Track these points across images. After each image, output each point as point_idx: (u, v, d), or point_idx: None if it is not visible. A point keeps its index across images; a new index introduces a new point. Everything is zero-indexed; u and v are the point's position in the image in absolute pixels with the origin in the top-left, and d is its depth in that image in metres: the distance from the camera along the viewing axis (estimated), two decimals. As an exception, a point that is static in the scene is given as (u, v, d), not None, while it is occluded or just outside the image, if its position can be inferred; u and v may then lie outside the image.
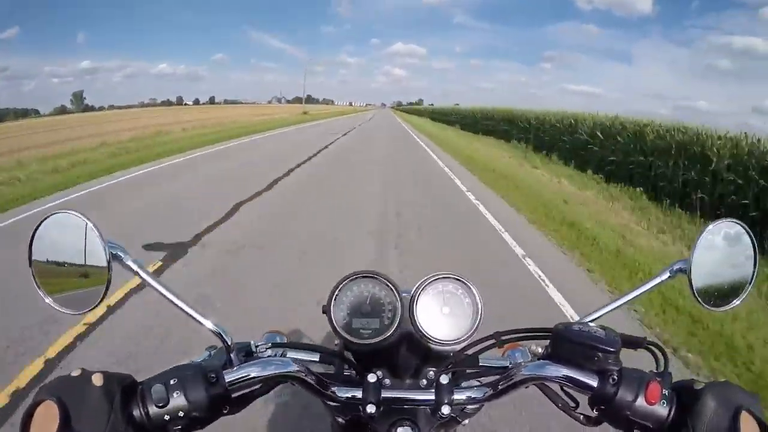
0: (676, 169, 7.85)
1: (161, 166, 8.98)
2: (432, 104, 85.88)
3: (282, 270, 3.54)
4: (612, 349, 0.48)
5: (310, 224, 4.88)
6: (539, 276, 3.60)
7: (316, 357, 0.59)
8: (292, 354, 0.59)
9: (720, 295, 0.59)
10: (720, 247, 0.59)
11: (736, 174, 6.64)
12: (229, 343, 0.51)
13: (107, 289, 0.51)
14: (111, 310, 2.80)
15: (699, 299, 0.58)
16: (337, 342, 0.57)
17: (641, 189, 8.14)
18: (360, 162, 10.10)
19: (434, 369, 0.55)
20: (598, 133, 10.70)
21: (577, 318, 0.58)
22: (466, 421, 0.59)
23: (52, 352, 2.37)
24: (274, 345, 0.57)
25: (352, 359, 0.57)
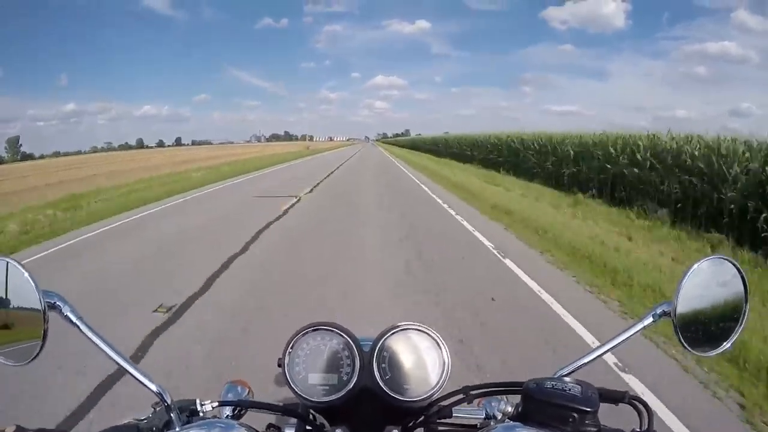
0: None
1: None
2: (420, 134, 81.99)
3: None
4: (589, 409, 0.43)
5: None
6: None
7: (275, 414, 0.55)
8: (250, 411, 0.55)
9: (708, 337, 0.55)
10: (707, 286, 0.55)
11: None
12: (169, 403, 0.47)
13: (44, 340, 0.47)
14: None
15: (685, 344, 0.53)
16: None
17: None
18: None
19: (398, 428, 0.51)
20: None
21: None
22: None
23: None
24: (223, 403, 0.53)
25: (314, 416, 0.53)
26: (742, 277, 0.55)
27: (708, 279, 0.55)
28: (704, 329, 0.55)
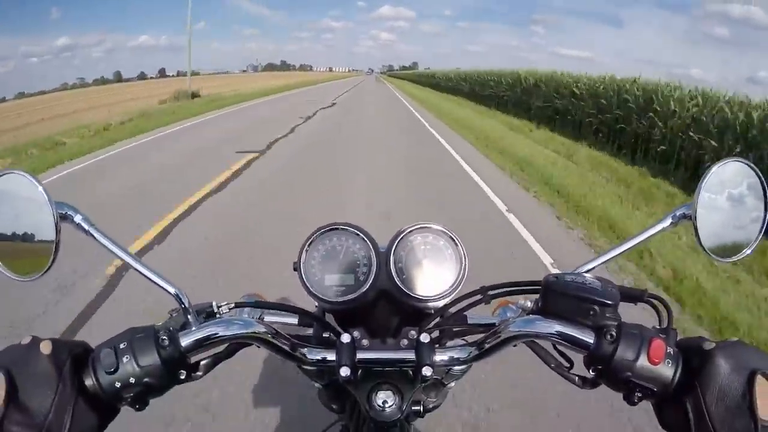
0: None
1: None
2: (428, 68, 75.84)
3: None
4: (610, 302, 0.43)
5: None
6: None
7: (291, 319, 0.55)
8: (266, 316, 0.54)
9: (729, 243, 0.54)
10: (726, 190, 0.54)
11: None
12: (186, 304, 0.46)
13: (56, 251, 0.47)
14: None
15: (706, 249, 0.53)
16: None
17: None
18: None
19: (415, 328, 0.51)
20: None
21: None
22: (452, 384, 0.54)
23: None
24: (239, 305, 0.53)
25: (330, 319, 0.53)
26: (762, 181, 0.54)
27: (727, 183, 0.54)
28: (724, 233, 0.54)
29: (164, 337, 0.42)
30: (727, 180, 0.54)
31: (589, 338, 0.43)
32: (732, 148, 6.02)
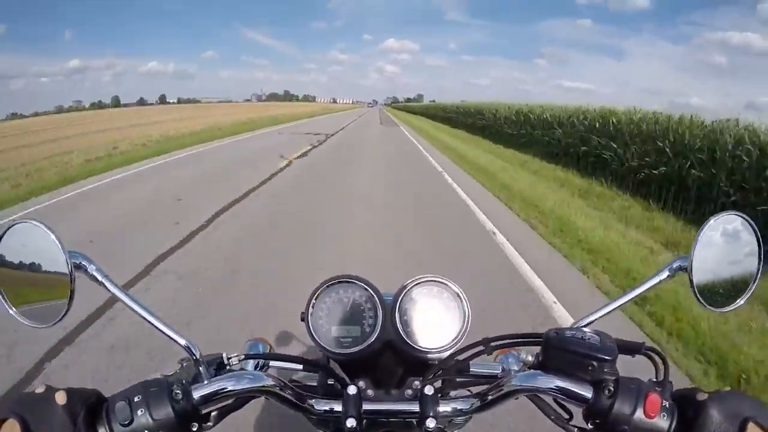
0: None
1: None
2: (433, 101, 78.48)
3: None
4: (608, 358, 0.45)
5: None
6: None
7: (298, 365, 0.56)
8: (272, 364, 0.56)
9: (723, 293, 0.56)
10: (722, 243, 0.55)
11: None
12: (197, 356, 0.48)
13: (71, 300, 0.48)
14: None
15: (701, 299, 0.54)
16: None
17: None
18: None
19: (419, 379, 0.52)
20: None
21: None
22: None
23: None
24: (248, 356, 0.54)
25: (336, 369, 0.54)
26: (756, 234, 0.56)
27: (722, 235, 0.56)
28: (719, 284, 0.55)
29: (177, 391, 0.44)
30: (722, 233, 0.56)
31: (587, 392, 0.44)
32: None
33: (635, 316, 2.78)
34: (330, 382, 0.53)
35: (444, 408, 0.49)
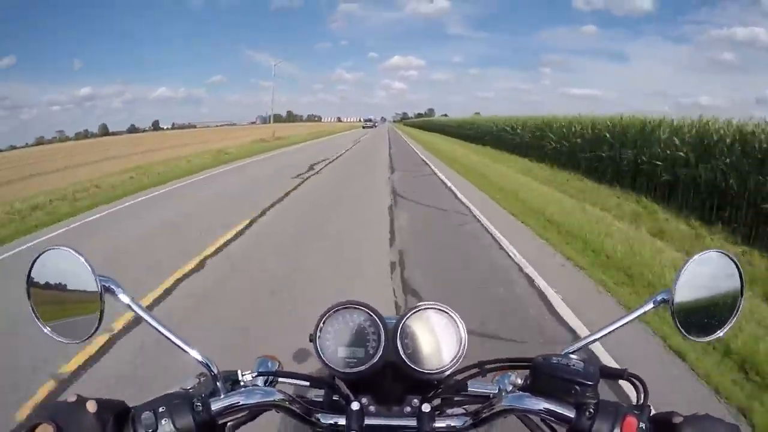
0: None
1: None
2: (445, 115, 75.50)
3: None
4: (589, 383, 0.49)
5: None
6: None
7: (305, 384, 0.61)
8: (281, 380, 0.61)
9: (704, 325, 0.59)
10: (704, 278, 0.59)
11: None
12: (215, 372, 0.53)
13: (101, 320, 0.53)
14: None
15: (681, 329, 0.58)
16: None
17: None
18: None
19: (418, 397, 0.57)
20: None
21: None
22: None
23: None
24: (261, 373, 0.59)
25: (342, 386, 0.59)
26: (739, 271, 0.59)
27: (705, 271, 0.59)
28: (700, 317, 0.59)
29: (198, 404, 0.49)
30: (706, 268, 0.59)
31: (570, 414, 0.49)
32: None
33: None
34: (335, 398, 0.58)
35: (439, 424, 0.54)
